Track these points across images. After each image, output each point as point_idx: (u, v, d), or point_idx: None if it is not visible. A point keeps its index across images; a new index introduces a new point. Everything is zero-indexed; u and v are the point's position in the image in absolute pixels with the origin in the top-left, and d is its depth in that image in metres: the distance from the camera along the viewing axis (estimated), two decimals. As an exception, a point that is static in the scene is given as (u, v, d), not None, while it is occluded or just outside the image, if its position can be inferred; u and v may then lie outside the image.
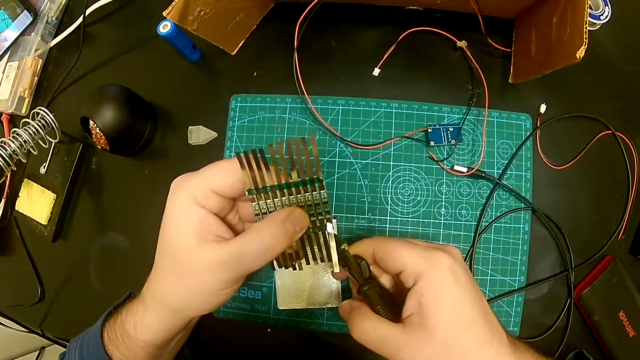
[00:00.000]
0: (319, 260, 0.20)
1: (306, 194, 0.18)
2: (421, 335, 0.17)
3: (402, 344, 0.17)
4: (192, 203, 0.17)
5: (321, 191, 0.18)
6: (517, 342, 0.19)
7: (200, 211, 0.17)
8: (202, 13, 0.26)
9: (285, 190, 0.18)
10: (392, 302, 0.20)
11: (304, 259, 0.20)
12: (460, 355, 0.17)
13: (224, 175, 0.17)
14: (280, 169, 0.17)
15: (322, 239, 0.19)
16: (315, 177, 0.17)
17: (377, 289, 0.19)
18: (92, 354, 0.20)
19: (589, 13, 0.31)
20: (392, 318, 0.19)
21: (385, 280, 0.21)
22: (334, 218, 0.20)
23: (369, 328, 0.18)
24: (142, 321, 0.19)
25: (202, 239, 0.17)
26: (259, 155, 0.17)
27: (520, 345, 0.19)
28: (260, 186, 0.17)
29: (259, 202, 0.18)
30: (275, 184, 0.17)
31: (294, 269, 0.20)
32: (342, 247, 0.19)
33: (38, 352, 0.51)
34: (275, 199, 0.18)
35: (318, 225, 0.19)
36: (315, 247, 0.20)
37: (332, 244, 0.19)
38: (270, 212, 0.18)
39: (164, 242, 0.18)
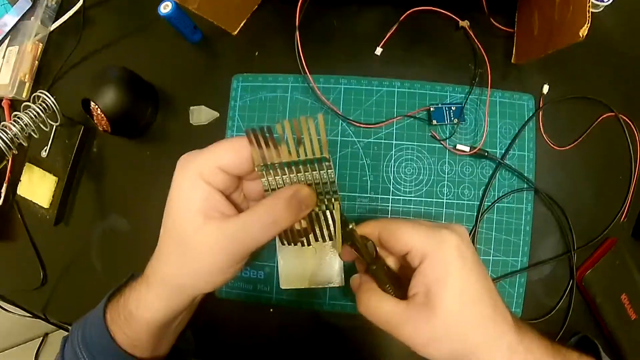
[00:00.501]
0: (326, 238, 0.20)
1: (314, 172, 0.18)
2: (423, 314, 0.17)
3: (404, 321, 0.18)
4: (198, 180, 0.17)
5: (328, 171, 0.18)
6: (520, 322, 0.19)
7: (206, 188, 0.17)
8: (203, -9, 0.26)
9: (293, 167, 0.18)
10: (398, 282, 0.20)
11: (311, 235, 0.20)
12: (460, 336, 0.17)
13: (232, 153, 0.17)
14: (288, 147, 0.17)
15: (329, 218, 0.19)
16: (322, 156, 0.17)
17: (385, 268, 0.20)
18: (95, 334, 0.20)
19: None
20: (399, 296, 0.19)
21: (392, 263, 0.21)
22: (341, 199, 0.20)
23: (374, 304, 0.19)
24: (145, 299, 0.19)
25: (207, 215, 0.17)
26: (267, 133, 0.17)
27: (523, 325, 0.19)
28: (268, 163, 0.17)
29: (268, 179, 0.18)
30: (284, 161, 0.17)
31: (302, 244, 0.20)
32: (350, 226, 0.19)
33: (41, 338, 0.51)
34: (284, 176, 0.18)
35: (325, 204, 0.19)
36: (323, 225, 0.20)
37: (338, 227, 0.19)
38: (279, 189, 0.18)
39: (168, 218, 0.18)
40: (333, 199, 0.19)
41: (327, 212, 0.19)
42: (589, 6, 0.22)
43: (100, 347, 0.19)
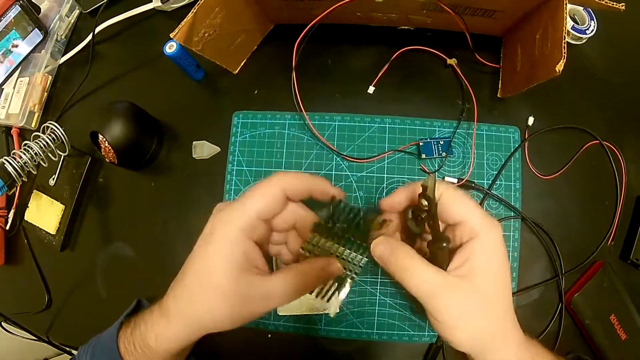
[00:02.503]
0: (325, 300, 0.21)
1: (352, 252, 0.20)
2: (464, 287, 0.18)
3: (443, 291, 0.18)
4: (241, 236, 0.18)
5: (364, 257, 0.20)
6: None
7: (248, 244, 0.19)
8: (206, 35, 0.28)
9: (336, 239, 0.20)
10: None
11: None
12: (493, 319, 0.18)
13: (267, 198, 0.19)
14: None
15: (334, 288, 0.21)
16: (365, 245, 0.20)
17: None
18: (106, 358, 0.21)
19: (576, 27, 0.32)
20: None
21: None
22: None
23: (416, 271, 0.18)
24: (164, 335, 0.19)
25: (243, 269, 0.18)
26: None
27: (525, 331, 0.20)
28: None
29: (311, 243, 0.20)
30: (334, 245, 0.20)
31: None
32: (437, 201, 0.18)
33: (41, 363, 0.51)
34: (322, 240, 0.20)
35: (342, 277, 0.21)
36: (330, 290, 0.21)
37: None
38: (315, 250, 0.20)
39: (203, 266, 0.19)
40: (349, 278, 0.20)
41: (334, 286, 0.21)
42: (565, 42, 0.23)
43: None
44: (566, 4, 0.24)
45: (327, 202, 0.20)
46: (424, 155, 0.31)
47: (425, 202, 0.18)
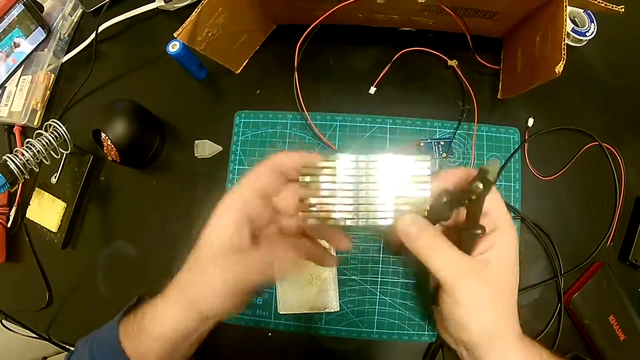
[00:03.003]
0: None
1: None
2: (487, 273, 0.18)
3: (465, 273, 0.18)
4: (240, 217, 0.19)
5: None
6: None
7: (238, 216, 0.19)
8: (209, 34, 0.28)
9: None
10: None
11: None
12: (502, 305, 0.19)
13: (261, 176, 0.19)
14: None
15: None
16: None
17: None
18: (105, 345, 0.21)
19: (576, 30, 0.33)
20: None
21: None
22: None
23: (443, 250, 0.18)
24: (161, 314, 0.20)
25: (240, 250, 0.18)
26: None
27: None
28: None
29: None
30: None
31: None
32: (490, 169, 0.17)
33: (39, 361, 0.51)
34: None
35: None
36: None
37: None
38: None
39: (201, 248, 0.19)
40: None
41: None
42: (564, 44, 0.23)
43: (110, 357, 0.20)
44: (566, 6, 0.24)
45: None
46: (424, 156, 0.31)
47: (481, 186, 0.18)
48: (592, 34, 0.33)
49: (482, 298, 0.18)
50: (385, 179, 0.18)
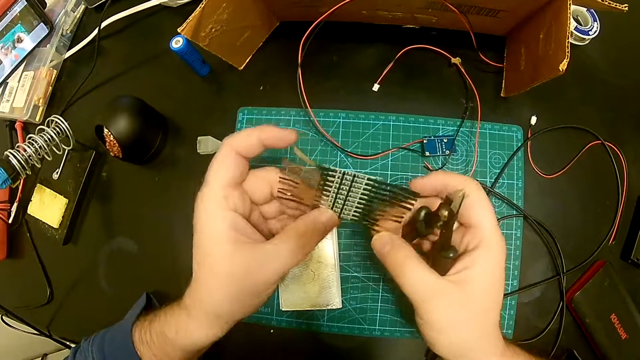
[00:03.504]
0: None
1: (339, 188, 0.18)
2: (455, 295, 0.18)
3: (435, 294, 0.18)
4: (218, 209, 0.18)
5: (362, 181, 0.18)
6: (508, 342, 0.20)
7: (228, 215, 0.18)
8: (213, 30, 0.28)
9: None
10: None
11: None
12: (478, 326, 0.18)
13: (222, 165, 0.19)
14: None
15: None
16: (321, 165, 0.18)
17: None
18: (119, 351, 0.20)
19: (579, 28, 0.33)
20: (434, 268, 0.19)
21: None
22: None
23: (411, 271, 0.18)
24: (186, 328, 0.19)
25: (237, 242, 0.18)
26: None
27: (510, 346, 0.20)
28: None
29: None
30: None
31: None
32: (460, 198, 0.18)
33: (40, 358, 0.51)
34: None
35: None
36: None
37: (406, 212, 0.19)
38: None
39: (200, 252, 0.19)
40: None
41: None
42: (568, 41, 0.23)
43: None
44: (570, 5, 0.24)
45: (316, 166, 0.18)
46: (427, 153, 0.31)
47: (445, 214, 0.18)
48: (595, 32, 0.33)
49: (451, 320, 0.18)
50: (365, 194, 0.18)
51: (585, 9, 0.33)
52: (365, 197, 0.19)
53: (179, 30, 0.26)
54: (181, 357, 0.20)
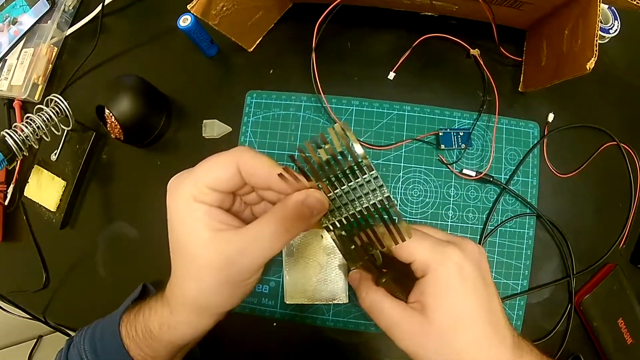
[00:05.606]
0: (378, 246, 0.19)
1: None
2: (418, 322, 0.18)
3: (400, 322, 0.18)
4: (191, 202, 0.17)
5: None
6: (522, 343, 0.19)
7: (202, 206, 0.17)
8: (224, 8, 0.27)
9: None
10: (406, 283, 0.20)
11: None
12: (451, 353, 0.17)
13: (219, 171, 0.17)
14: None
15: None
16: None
17: (391, 276, 0.20)
18: (108, 347, 0.20)
19: (600, 26, 0.32)
20: (404, 297, 0.19)
21: None
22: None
23: (375, 303, 0.19)
24: (169, 323, 0.18)
25: (213, 229, 0.17)
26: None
27: (525, 346, 0.19)
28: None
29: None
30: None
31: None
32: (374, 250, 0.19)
33: (35, 340, 0.51)
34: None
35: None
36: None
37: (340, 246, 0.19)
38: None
39: (175, 244, 0.18)
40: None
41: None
42: (597, 39, 0.22)
43: (112, 358, 0.19)
44: (600, 1, 0.23)
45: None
46: (442, 146, 0.30)
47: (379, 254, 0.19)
48: (615, 31, 0.32)
49: (421, 345, 0.18)
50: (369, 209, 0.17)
51: (607, 7, 0.32)
52: (367, 212, 0.18)
53: (188, 7, 0.24)
54: (170, 351, 0.19)
